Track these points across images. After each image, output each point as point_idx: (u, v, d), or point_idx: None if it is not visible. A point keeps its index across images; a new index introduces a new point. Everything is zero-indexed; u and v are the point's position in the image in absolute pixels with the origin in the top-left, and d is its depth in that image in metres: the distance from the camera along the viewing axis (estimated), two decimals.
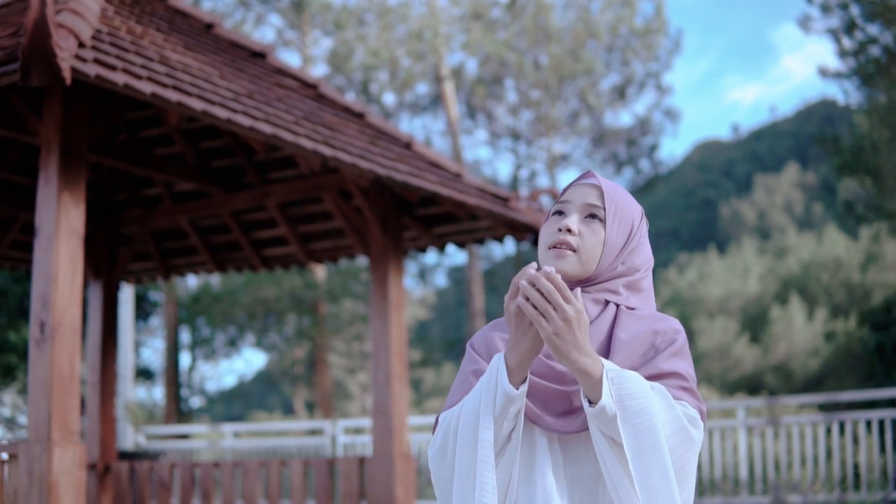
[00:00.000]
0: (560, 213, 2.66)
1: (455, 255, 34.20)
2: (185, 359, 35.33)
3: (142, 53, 6.77)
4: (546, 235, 2.65)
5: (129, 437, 17.56)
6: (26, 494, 6.25)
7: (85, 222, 9.98)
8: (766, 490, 12.01)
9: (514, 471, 2.49)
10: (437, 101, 29.51)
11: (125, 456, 12.17)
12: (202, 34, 8.72)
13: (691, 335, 32.31)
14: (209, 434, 16.34)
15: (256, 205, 9.77)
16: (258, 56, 9.13)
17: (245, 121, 6.81)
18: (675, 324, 2.62)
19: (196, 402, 42.99)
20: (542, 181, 29.71)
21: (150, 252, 10.95)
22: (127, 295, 18.52)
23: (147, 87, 6.21)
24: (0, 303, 22.03)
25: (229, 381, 71.38)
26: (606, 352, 2.54)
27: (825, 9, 19.09)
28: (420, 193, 8.41)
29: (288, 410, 42.54)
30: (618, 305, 2.62)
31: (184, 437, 17.84)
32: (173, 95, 6.37)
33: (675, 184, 60.89)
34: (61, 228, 6.49)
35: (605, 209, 2.61)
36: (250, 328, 30.74)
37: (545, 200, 9.80)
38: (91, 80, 5.90)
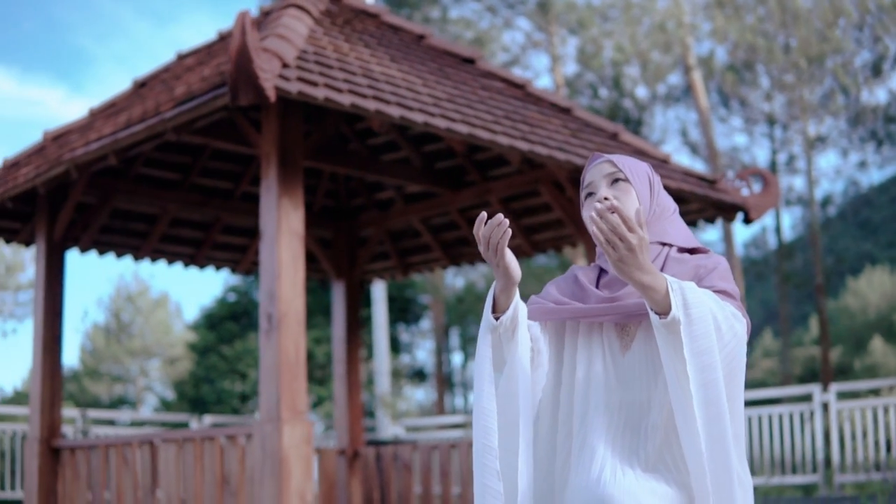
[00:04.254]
0: (590, 194, 3.08)
1: (715, 245, 33.87)
2: (457, 359, 36.36)
3: (345, 69, 7.48)
4: (589, 216, 3.04)
5: (389, 430, 18.49)
6: (261, 469, 7.03)
7: (324, 227, 10.91)
8: None
9: (519, 370, 2.95)
10: (688, 91, 29.54)
11: (376, 444, 12.98)
12: (412, 46, 9.38)
13: None
14: (465, 423, 17.05)
15: (480, 201, 10.33)
16: (468, 62, 9.73)
17: (442, 123, 7.40)
18: (718, 258, 3.02)
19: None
20: (801, 164, 29.35)
21: (388, 251, 11.71)
22: (380, 295, 19.41)
23: (346, 99, 6.89)
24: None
25: None
26: None
27: None
28: None
29: None
30: (668, 252, 3.02)
31: (442, 427, 18.64)
32: (372, 104, 7.02)
33: None
34: (282, 230, 7.24)
35: (621, 170, 3.04)
36: None
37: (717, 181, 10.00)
38: (294, 96, 6.62)
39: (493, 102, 8.61)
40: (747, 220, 9.57)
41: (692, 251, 3.07)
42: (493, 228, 2.81)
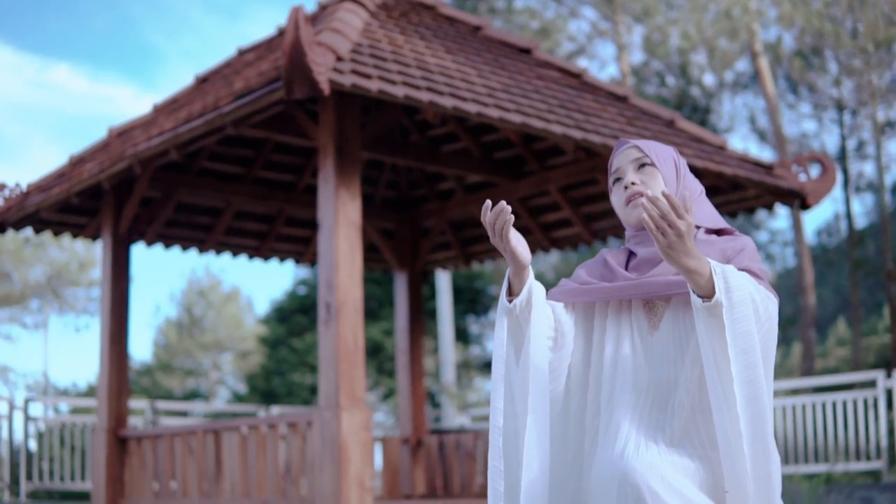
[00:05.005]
0: (618, 180, 3.14)
1: (785, 232, 33.54)
2: None
3: (399, 61, 7.58)
4: (617, 201, 3.13)
5: (455, 419, 18.57)
6: (320, 454, 7.16)
7: (386, 218, 11.02)
8: None
9: (531, 348, 2.99)
10: (755, 78, 29.34)
11: (439, 432, 13.09)
12: (468, 37, 9.46)
13: None
14: None
15: (539, 190, 10.40)
16: (524, 52, 9.79)
17: (495, 113, 7.47)
18: (745, 238, 3.05)
19: None
20: (870, 150, 29.03)
21: (449, 241, 11.80)
22: (444, 285, 19.47)
23: (400, 91, 6.99)
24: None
25: None
26: None
27: None
28: None
29: None
30: (696, 234, 3.05)
31: None
32: (425, 96, 7.12)
33: None
34: (340, 221, 7.36)
35: (647, 155, 3.10)
36: None
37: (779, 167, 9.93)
38: (348, 88, 6.74)
39: (548, 92, 8.67)
40: (805, 206, 9.53)
41: (718, 232, 3.12)
42: (497, 215, 2.89)
